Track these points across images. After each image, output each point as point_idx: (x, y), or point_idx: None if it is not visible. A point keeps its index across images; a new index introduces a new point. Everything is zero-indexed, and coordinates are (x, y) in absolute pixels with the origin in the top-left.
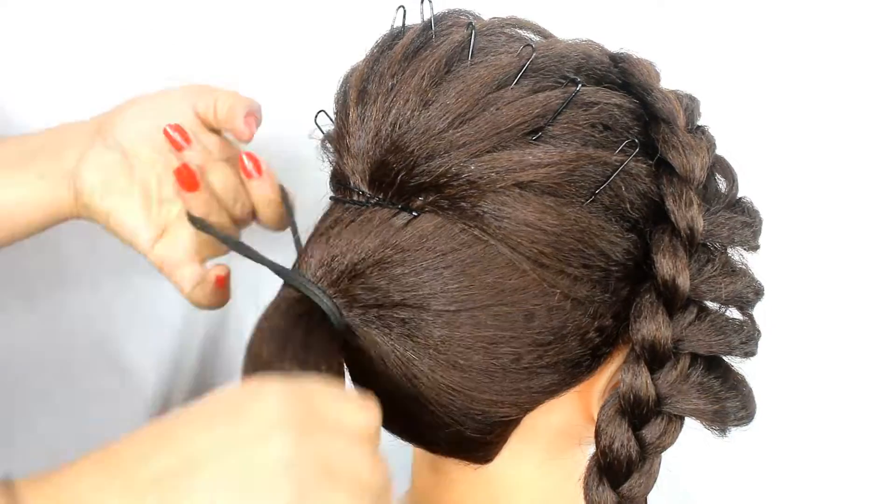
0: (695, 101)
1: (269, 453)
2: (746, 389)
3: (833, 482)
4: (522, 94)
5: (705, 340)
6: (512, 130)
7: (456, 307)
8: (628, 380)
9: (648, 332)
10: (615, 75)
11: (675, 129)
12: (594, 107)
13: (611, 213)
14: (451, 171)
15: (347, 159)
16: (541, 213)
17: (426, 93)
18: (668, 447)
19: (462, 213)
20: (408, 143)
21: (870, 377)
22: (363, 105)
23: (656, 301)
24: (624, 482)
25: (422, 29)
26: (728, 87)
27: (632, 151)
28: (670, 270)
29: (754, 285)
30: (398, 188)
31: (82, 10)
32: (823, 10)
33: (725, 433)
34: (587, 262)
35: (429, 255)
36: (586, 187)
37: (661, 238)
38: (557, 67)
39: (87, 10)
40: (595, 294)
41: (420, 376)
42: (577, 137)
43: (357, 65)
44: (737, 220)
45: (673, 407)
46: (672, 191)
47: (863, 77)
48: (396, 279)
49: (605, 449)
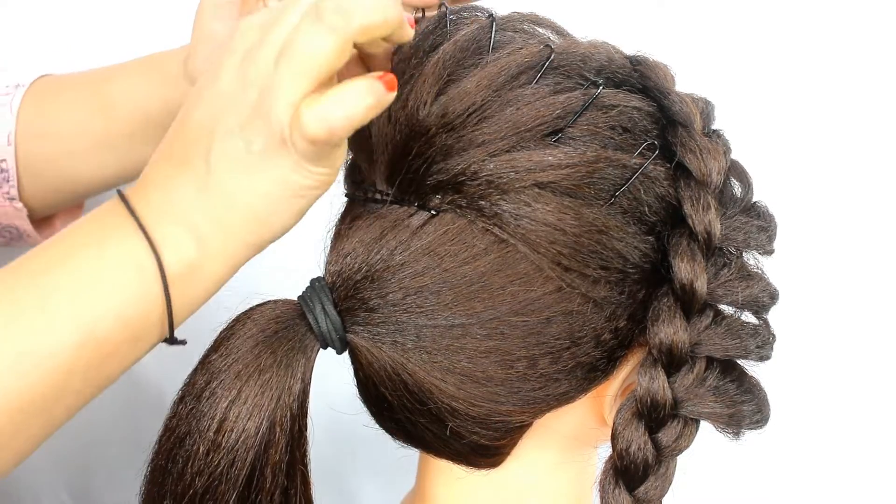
0: (710, 105)
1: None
2: (761, 393)
3: (847, 485)
4: (543, 94)
5: (721, 344)
6: (532, 131)
7: (475, 319)
8: (645, 383)
9: (666, 335)
10: (635, 79)
11: (692, 133)
12: (614, 109)
13: (629, 215)
14: (469, 170)
15: (363, 150)
16: (560, 213)
17: (443, 77)
18: (683, 450)
19: (481, 212)
20: (428, 126)
21: (882, 381)
22: None
23: (674, 305)
24: (640, 485)
25: (438, 19)
26: (728, 87)
27: (650, 154)
28: (688, 274)
29: (769, 289)
30: (416, 186)
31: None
32: (823, 10)
33: (739, 436)
34: (605, 264)
35: (447, 262)
36: (605, 189)
37: (678, 242)
38: (579, 68)
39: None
40: (612, 296)
41: (434, 391)
42: (597, 139)
43: None
44: (752, 225)
45: (689, 410)
46: (690, 194)
47: (867, 76)
48: (411, 287)
49: (622, 452)
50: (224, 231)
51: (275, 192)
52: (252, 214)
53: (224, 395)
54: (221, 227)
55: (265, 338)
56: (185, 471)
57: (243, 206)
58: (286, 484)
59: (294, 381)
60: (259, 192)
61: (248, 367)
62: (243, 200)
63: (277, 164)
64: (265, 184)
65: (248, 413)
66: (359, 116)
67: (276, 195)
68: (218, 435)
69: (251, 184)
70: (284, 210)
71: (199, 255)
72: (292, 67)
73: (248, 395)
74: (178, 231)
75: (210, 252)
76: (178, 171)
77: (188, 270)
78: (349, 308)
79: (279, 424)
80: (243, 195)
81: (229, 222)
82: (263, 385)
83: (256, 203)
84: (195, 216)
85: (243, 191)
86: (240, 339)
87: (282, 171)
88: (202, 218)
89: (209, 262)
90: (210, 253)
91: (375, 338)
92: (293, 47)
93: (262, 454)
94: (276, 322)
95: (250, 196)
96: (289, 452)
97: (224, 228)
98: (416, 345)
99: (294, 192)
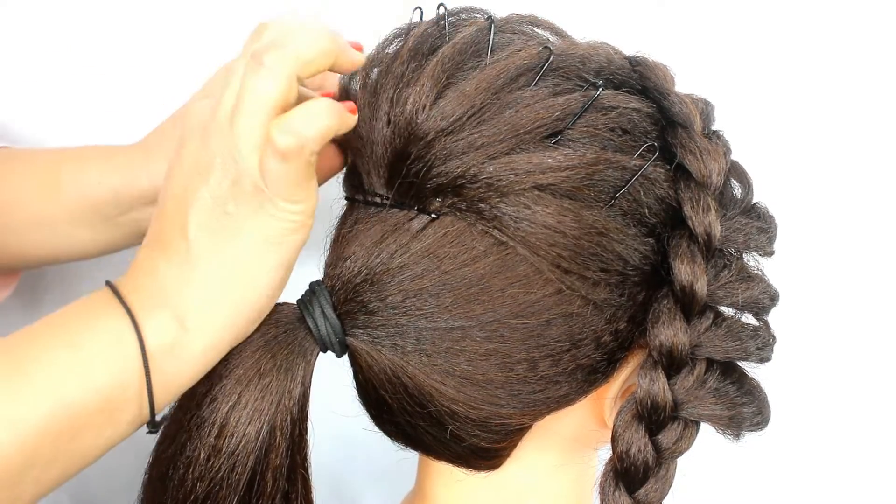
0: (710, 106)
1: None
2: (762, 395)
3: (847, 487)
4: (542, 96)
5: (721, 346)
6: (531, 133)
7: (475, 321)
8: (645, 385)
9: (666, 337)
10: (635, 80)
11: (692, 134)
12: (613, 111)
13: (629, 217)
14: (469, 173)
15: (363, 154)
16: (560, 215)
17: (442, 80)
18: (683, 452)
19: (481, 215)
20: (427, 130)
21: (883, 382)
22: (375, 94)
23: (674, 307)
24: (640, 487)
25: (435, 21)
26: (727, 87)
27: (650, 156)
28: (688, 276)
29: (770, 291)
30: (416, 189)
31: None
32: (823, 9)
33: (740, 438)
34: (605, 266)
35: (446, 264)
36: (605, 191)
37: (678, 243)
38: (578, 70)
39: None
40: (612, 298)
41: (434, 394)
42: (597, 141)
43: (368, 54)
44: (752, 226)
45: (689, 412)
46: (690, 196)
47: (867, 76)
48: (411, 290)
49: (622, 454)
50: (208, 305)
51: (256, 243)
52: (236, 278)
53: (224, 400)
54: (205, 301)
55: (265, 342)
56: (186, 477)
57: (228, 271)
58: (287, 488)
59: (294, 385)
60: (241, 248)
61: (247, 371)
62: (227, 264)
63: (254, 215)
64: (245, 239)
65: (249, 418)
66: (326, 125)
67: (257, 248)
68: (219, 440)
69: (232, 243)
70: (267, 264)
71: (180, 332)
72: (245, 118)
73: (248, 400)
74: (161, 313)
75: (193, 329)
76: (159, 254)
77: (168, 347)
78: (349, 311)
79: (279, 428)
80: (226, 258)
81: (213, 295)
82: (263, 389)
83: (239, 262)
84: (177, 295)
85: (226, 254)
86: (239, 343)
87: (259, 220)
88: (185, 295)
89: (192, 339)
90: (193, 330)
91: (375, 341)
92: (241, 99)
93: (263, 458)
94: (276, 326)
95: (233, 255)
96: (289, 456)
97: (208, 303)
98: (415, 348)
99: (274, 238)
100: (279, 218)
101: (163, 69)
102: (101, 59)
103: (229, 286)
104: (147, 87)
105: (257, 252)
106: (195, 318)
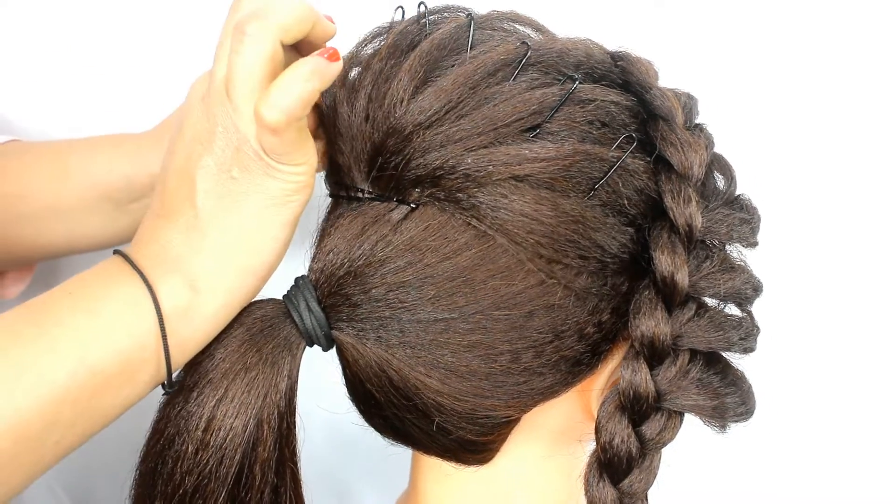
0: (693, 100)
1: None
2: (746, 385)
3: (831, 478)
4: (519, 90)
5: (704, 337)
6: (509, 126)
7: (458, 313)
8: (628, 376)
9: (647, 328)
10: (616, 74)
11: (673, 127)
12: (591, 104)
13: (608, 207)
14: (447, 164)
15: (343, 149)
16: (537, 204)
17: (420, 74)
18: (667, 443)
19: (458, 204)
20: (405, 124)
21: (868, 373)
22: (354, 91)
23: (655, 297)
24: (624, 478)
25: (416, 19)
26: (726, 85)
27: (629, 147)
28: (669, 267)
29: (753, 282)
30: (395, 182)
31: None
32: (823, 9)
33: (725, 429)
34: (583, 254)
35: (428, 257)
36: (583, 183)
37: (659, 234)
38: (556, 64)
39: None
40: (593, 287)
41: (420, 386)
42: (575, 134)
43: (348, 53)
44: (735, 217)
45: (672, 403)
46: (670, 188)
47: (861, 76)
48: (393, 283)
49: (606, 445)
50: (218, 267)
51: (262, 205)
52: (244, 239)
53: (211, 394)
54: (215, 265)
55: (250, 336)
56: (174, 471)
57: (236, 234)
58: (276, 481)
59: (280, 379)
60: (247, 213)
61: (234, 365)
62: (235, 227)
63: (259, 179)
64: (251, 202)
65: (235, 411)
66: (306, 91)
67: (263, 209)
68: (206, 434)
69: (239, 207)
70: (273, 223)
71: (192, 295)
72: (237, 87)
73: (234, 394)
74: (173, 278)
75: (204, 291)
76: (165, 222)
77: (182, 310)
78: (333, 305)
79: (266, 422)
80: (234, 221)
81: (223, 258)
82: (250, 383)
83: (246, 223)
84: (187, 261)
85: (233, 217)
86: (226, 338)
87: (264, 183)
88: (194, 261)
89: (204, 301)
90: (204, 292)
91: (360, 334)
92: (232, 70)
93: (251, 452)
94: (262, 321)
95: (240, 218)
96: (277, 450)
97: (218, 266)
98: (399, 340)
99: (278, 200)
100: (282, 180)
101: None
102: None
103: (238, 248)
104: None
105: (264, 213)
106: (206, 282)
